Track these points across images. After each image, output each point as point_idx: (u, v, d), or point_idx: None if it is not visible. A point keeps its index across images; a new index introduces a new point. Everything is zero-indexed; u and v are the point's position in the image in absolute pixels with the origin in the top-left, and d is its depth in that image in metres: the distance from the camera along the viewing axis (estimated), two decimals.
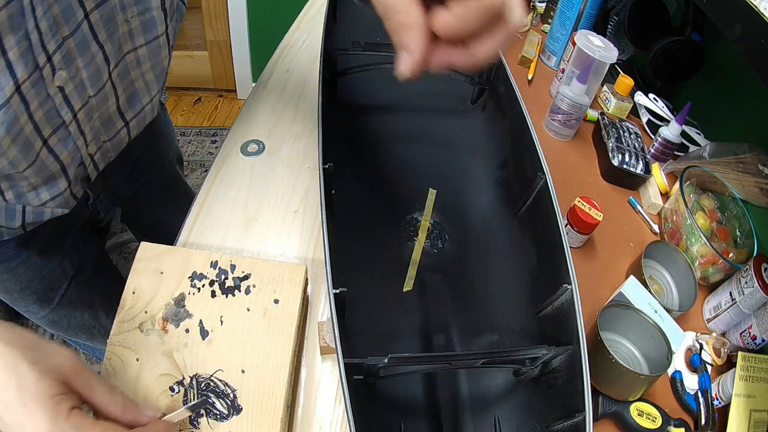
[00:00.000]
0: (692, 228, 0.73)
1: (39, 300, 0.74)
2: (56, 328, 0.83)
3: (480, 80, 0.64)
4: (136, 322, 0.50)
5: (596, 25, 1.00)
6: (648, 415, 0.57)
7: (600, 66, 0.82)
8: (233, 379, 0.48)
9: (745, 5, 0.57)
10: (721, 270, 0.73)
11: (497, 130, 0.64)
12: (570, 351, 0.42)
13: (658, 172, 0.85)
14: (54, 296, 0.76)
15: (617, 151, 0.85)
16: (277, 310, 0.52)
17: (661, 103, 0.96)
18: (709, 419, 0.60)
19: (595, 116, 0.92)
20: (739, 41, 0.60)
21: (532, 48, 1.03)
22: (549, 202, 0.49)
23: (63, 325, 0.82)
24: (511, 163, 0.60)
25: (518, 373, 0.48)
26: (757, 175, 0.78)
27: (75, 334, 0.86)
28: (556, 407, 0.43)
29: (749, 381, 0.61)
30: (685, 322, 0.71)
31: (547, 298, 0.48)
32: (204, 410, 0.46)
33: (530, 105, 0.56)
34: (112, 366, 0.48)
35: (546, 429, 0.44)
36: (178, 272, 0.53)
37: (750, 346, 0.66)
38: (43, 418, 0.34)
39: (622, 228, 0.80)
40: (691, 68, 0.94)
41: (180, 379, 0.48)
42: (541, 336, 0.49)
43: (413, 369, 0.41)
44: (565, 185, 0.81)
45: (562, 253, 0.46)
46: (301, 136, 0.77)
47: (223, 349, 0.49)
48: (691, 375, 0.65)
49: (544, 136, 0.90)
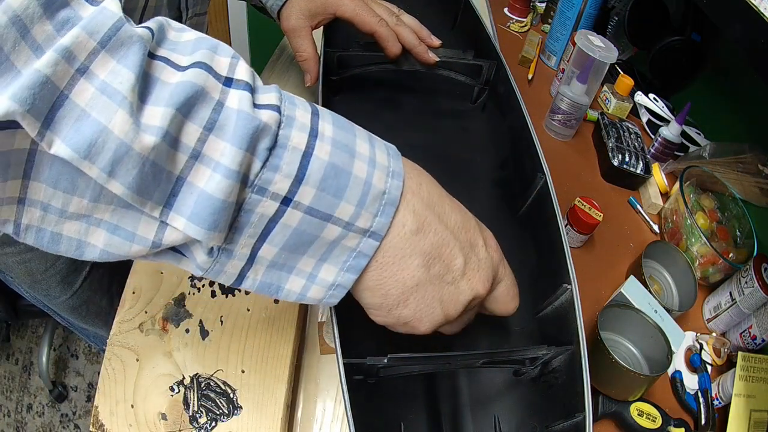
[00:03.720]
0: (692, 228, 0.73)
1: (62, 282, 0.75)
2: (75, 314, 0.83)
3: (480, 80, 0.64)
4: (136, 322, 0.50)
5: (596, 25, 1.00)
6: (648, 415, 0.57)
7: (600, 66, 0.82)
8: (233, 379, 0.48)
9: (745, 5, 0.57)
10: (721, 270, 0.73)
11: (497, 130, 0.64)
12: (570, 351, 0.42)
13: (658, 172, 0.85)
14: (77, 279, 0.76)
15: (617, 151, 0.85)
16: (277, 310, 0.52)
17: (661, 103, 0.96)
18: (709, 419, 0.60)
19: (595, 116, 0.92)
20: (739, 41, 0.60)
21: (532, 48, 1.03)
22: (549, 202, 0.49)
23: (82, 312, 0.82)
24: (511, 163, 0.60)
25: (518, 373, 0.48)
26: (757, 175, 0.78)
27: (93, 322, 0.86)
28: (556, 407, 0.43)
29: (749, 381, 0.61)
30: (685, 322, 0.71)
31: (547, 298, 0.48)
32: (204, 410, 0.46)
33: (530, 105, 0.56)
34: (112, 366, 0.48)
35: (546, 429, 0.44)
36: (178, 272, 0.53)
37: (750, 346, 0.66)
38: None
39: (622, 228, 0.80)
40: (691, 68, 0.94)
41: (180, 379, 0.48)
42: (541, 336, 0.49)
43: (413, 369, 0.41)
44: (565, 185, 0.81)
45: (562, 253, 0.46)
46: None
47: (223, 349, 0.49)
48: (691, 375, 0.65)
49: (544, 136, 0.90)
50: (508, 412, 0.47)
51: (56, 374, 1.51)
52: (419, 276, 0.32)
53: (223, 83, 0.27)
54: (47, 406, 1.47)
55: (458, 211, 0.35)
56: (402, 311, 0.33)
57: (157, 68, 0.25)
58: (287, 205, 0.28)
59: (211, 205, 0.25)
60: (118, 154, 0.23)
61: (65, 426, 1.44)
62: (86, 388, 1.50)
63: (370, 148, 0.31)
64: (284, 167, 0.27)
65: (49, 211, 0.25)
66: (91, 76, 0.23)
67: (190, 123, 0.25)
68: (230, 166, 0.25)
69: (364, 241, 0.30)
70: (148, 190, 0.25)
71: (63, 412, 1.46)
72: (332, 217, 0.29)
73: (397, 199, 0.31)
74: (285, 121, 0.28)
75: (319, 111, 0.31)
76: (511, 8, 1.13)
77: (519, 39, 1.08)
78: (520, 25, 1.12)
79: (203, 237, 0.26)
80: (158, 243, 0.27)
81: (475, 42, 0.69)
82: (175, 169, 0.25)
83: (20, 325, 1.58)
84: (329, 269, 0.31)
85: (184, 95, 0.25)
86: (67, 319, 0.87)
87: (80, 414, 1.46)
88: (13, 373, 1.52)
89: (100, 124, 0.23)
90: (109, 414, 0.46)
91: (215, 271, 0.29)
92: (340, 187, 0.28)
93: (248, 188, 0.27)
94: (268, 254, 0.29)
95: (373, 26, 0.57)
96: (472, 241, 0.35)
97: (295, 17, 0.59)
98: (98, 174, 0.23)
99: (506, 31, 1.11)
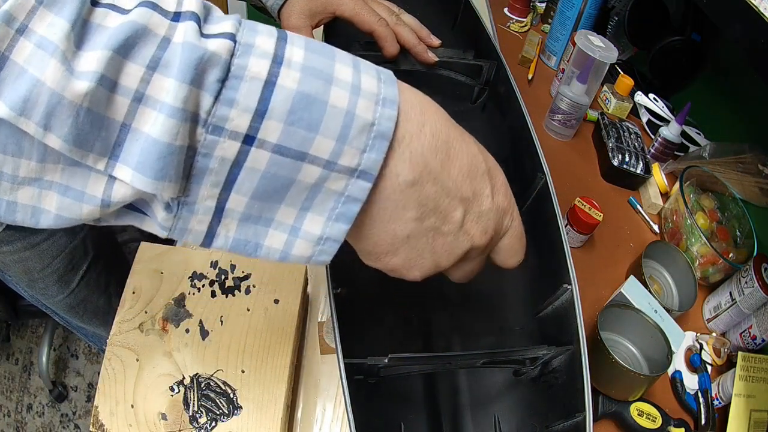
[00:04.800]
0: (692, 228, 0.73)
1: (59, 281, 0.75)
2: (73, 313, 0.83)
3: (480, 80, 0.64)
4: (136, 322, 0.50)
5: (596, 25, 1.00)
6: (648, 415, 0.57)
7: (600, 66, 0.82)
8: (233, 379, 0.48)
9: (745, 5, 0.57)
10: (721, 270, 0.73)
11: (497, 130, 0.64)
12: (570, 351, 0.42)
13: (658, 172, 0.85)
14: (74, 277, 0.76)
15: (617, 151, 0.85)
16: (277, 310, 0.52)
17: (661, 103, 0.96)
18: (709, 419, 0.60)
19: (595, 116, 0.92)
20: (739, 41, 0.60)
21: (532, 48, 1.03)
22: (549, 202, 0.49)
23: (79, 311, 0.82)
24: (511, 163, 0.60)
25: (518, 373, 0.48)
26: (757, 175, 0.78)
27: (90, 321, 0.86)
28: (556, 407, 0.43)
29: (749, 381, 0.61)
30: (685, 322, 0.71)
31: (547, 298, 0.48)
32: (204, 410, 0.46)
33: (530, 105, 0.56)
34: (112, 366, 0.48)
35: (546, 429, 0.44)
36: (178, 272, 0.53)
37: (750, 346, 0.66)
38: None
39: (622, 228, 0.80)
40: (691, 68, 0.94)
41: (180, 379, 0.48)
42: (541, 336, 0.49)
43: (413, 369, 0.41)
44: (565, 185, 0.81)
45: (562, 253, 0.46)
46: None
47: (223, 349, 0.49)
48: (691, 375, 0.65)
49: (544, 136, 0.90)
50: (508, 412, 0.47)
51: (56, 374, 1.51)
52: (411, 228, 0.29)
53: (171, 19, 0.24)
54: (47, 406, 1.47)
55: (466, 154, 0.31)
56: (391, 259, 0.31)
57: (100, 15, 0.24)
58: (250, 144, 0.25)
59: (157, 150, 0.23)
60: (51, 105, 0.22)
61: (65, 426, 1.44)
62: (86, 388, 1.50)
63: (353, 72, 0.27)
64: (241, 100, 0.24)
65: (2, 179, 0.24)
66: (30, 33, 0.22)
67: (131, 63, 0.23)
68: (173, 104, 0.23)
69: (353, 182, 0.27)
70: (87, 140, 0.23)
71: (63, 412, 1.46)
72: (307, 155, 0.25)
73: (390, 131, 0.27)
74: (241, 48, 0.25)
75: (288, 36, 0.27)
76: (511, 8, 1.13)
77: (519, 39, 1.08)
78: (520, 25, 1.12)
79: (152, 188, 0.24)
80: (107, 201, 0.25)
81: (475, 42, 0.69)
82: (117, 115, 0.23)
83: (20, 325, 1.58)
84: (314, 219, 0.27)
85: (123, 36, 0.23)
86: (66, 319, 0.88)
87: (80, 414, 1.46)
88: (13, 373, 1.52)
89: (34, 78, 0.22)
90: (109, 414, 0.46)
91: (180, 230, 0.26)
92: (313, 120, 0.25)
93: (202, 128, 0.24)
94: (237, 205, 0.26)
95: (372, 25, 0.57)
96: (477, 189, 0.31)
97: (295, 17, 0.59)
98: (35, 129, 0.22)
99: (506, 31, 1.11)
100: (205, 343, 0.49)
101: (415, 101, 0.29)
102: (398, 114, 0.27)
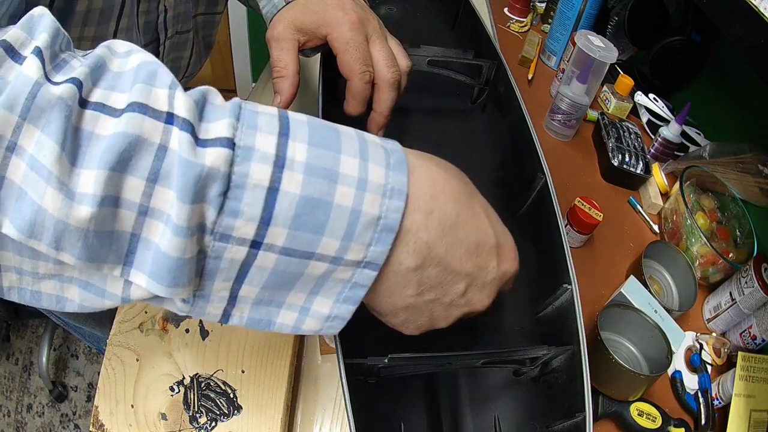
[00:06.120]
0: (692, 228, 0.73)
1: None
2: (70, 314, 0.83)
3: (480, 80, 0.64)
4: (136, 322, 0.50)
5: (596, 25, 1.00)
6: (648, 415, 0.57)
7: (600, 66, 0.82)
8: (233, 380, 0.48)
9: (745, 5, 0.57)
10: (721, 270, 0.73)
11: (497, 130, 0.64)
12: (570, 351, 0.42)
13: (658, 172, 0.85)
14: None
15: (617, 151, 0.85)
16: None
17: (661, 103, 0.96)
18: (709, 419, 0.60)
19: (595, 116, 0.92)
20: (739, 41, 0.60)
21: (532, 48, 1.03)
22: (549, 202, 0.49)
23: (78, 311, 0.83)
24: (511, 163, 0.60)
25: (518, 373, 0.48)
26: (757, 175, 0.78)
27: (86, 322, 0.86)
28: (556, 407, 0.43)
29: (749, 381, 0.61)
30: (685, 322, 0.71)
31: (547, 298, 0.48)
32: (204, 410, 0.46)
33: (530, 105, 0.56)
34: (112, 366, 0.48)
35: (546, 429, 0.44)
36: None
37: (750, 346, 0.66)
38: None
39: (622, 228, 0.80)
40: (691, 68, 0.94)
41: (180, 379, 0.48)
42: (541, 336, 0.49)
43: (413, 369, 0.41)
44: (565, 185, 0.81)
45: (562, 253, 0.46)
46: None
47: (223, 350, 0.49)
48: (691, 375, 0.65)
49: (544, 136, 0.90)
50: (508, 412, 0.47)
51: (56, 374, 1.51)
52: (411, 301, 0.30)
53: (165, 121, 0.24)
54: (47, 406, 1.47)
55: (475, 233, 0.31)
56: (390, 320, 0.33)
57: (90, 120, 0.23)
58: (257, 248, 0.25)
59: (167, 263, 0.24)
60: (58, 231, 0.22)
61: (65, 426, 1.44)
62: (86, 388, 1.50)
63: (360, 163, 0.26)
64: (245, 210, 0.24)
65: (24, 274, 0.26)
66: (21, 152, 0.22)
67: (131, 177, 0.23)
68: (178, 223, 0.23)
69: (359, 272, 0.27)
70: (99, 255, 0.24)
71: (63, 412, 1.46)
72: (314, 254, 0.26)
73: (397, 222, 0.27)
74: (240, 154, 0.24)
75: (290, 128, 0.26)
76: (511, 8, 1.13)
77: (519, 39, 1.08)
78: (520, 25, 1.12)
79: (167, 294, 0.25)
80: (127, 298, 0.26)
81: (475, 42, 0.69)
82: (126, 226, 0.24)
83: (20, 325, 1.58)
84: (323, 302, 0.28)
85: (117, 150, 0.22)
86: (63, 319, 0.87)
87: (80, 414, 1.46)
88: (13, 373, 1.52)
89: (35, 204, 0.22)
90: (109, 414, 0.46)
91: (197, 313, 0.27)
92: (318, 223, 0.25)
93: (209, 236, 0.24)
94: (249, 294, 0.27)
95: (351, 74, 0.46)
96: (482, 264, 0.32)
97: (282, 26, 0.49)
98: (47, 249, 0.23)
99: (506, 31, 1.11)
100: (205, 343, 0.49)
101: (425, 184, 0.29)
102: (406, 204, 0.27)
